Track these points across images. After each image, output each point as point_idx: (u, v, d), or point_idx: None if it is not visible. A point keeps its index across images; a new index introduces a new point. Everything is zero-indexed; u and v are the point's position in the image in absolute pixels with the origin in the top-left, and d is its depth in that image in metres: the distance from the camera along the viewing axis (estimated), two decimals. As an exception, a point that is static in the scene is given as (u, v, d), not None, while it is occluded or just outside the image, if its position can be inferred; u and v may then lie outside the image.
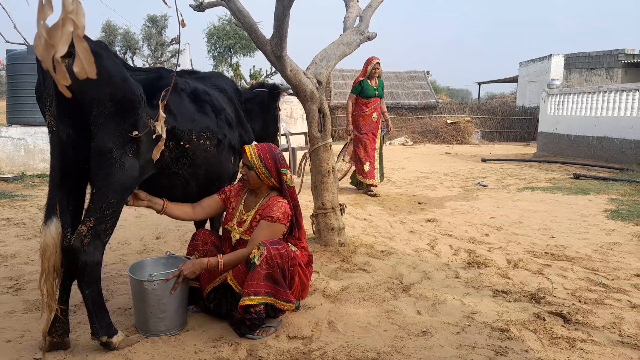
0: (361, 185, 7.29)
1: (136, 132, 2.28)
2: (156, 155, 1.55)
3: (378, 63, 6.89)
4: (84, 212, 2.38)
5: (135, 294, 2.61)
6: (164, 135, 1.43)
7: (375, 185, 7.16)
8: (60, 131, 2.26)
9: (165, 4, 0.95)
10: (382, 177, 7.33)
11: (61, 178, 2.28)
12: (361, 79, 6.98)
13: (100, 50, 2.30)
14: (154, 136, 2.25)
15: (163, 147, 1.55)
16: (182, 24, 1.09)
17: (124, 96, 2.32)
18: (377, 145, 7.12)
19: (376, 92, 6.95)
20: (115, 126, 2.30)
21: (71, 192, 2.41)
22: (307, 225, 4.43)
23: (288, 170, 2.85)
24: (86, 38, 2.38)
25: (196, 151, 2.77)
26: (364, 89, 6.92)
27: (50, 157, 2.31)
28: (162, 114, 1.39)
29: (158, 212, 2.75)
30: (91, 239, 2.30)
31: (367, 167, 6.99)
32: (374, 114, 6.97)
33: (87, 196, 2.40)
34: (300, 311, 2.94)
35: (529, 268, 3.84)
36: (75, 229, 2.32)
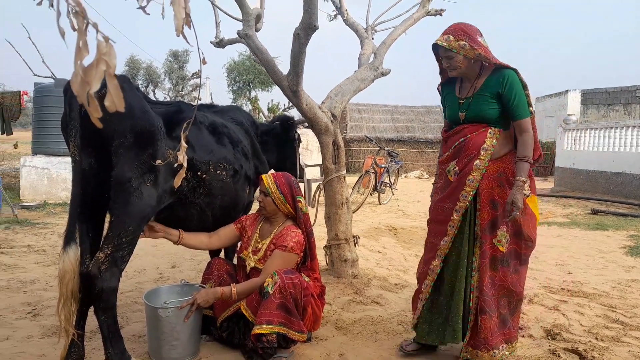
0: None
1: (159, 161, 2.36)
2: (177, 182, 1.62)
3: (448, 37, 2.58)
4: (102, 239, 2.45)
5: (149, 321, 2.65)
6: (185, 165, 1.51)
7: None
8: (83, 161, 2.35)
9: (187, 42, 1.03)
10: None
11: (81, 206, 2.35)
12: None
13: (122, 84, 2.41)
14: (175, 165, 2.33)
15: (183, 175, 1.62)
16: (204, 61, 1.17)
17: (144, 128, 2.42)
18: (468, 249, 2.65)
19: (462, 113, 2.72)
20: (135, 156, 2.39)
21: (90, 219, 2.49)
22: (321, 257, 4.45)
23: (302, 198, 2.92)
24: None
25: (213, 181, 2.85)
26: (445, 104, 2.90)
27: (71, 185, 2.40)
28: (184, 144, 1.47)
29: (174, 242, 2.82)
30: (108, 266, 2.36)
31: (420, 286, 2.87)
32: (452, 165, 2.71)
33: (106, 224, 2.47)
34: (312, 342, 2.93)
35: (544, 304, 3.79)
36: (93, 256, 2.39)
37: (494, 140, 2.61)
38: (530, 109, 2.61)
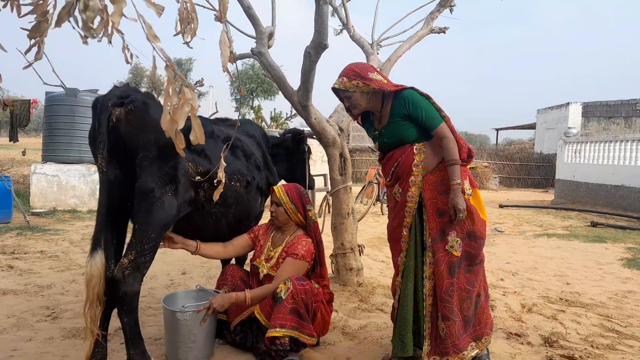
0: None
1: (199, 177, 2.54)
2: (216, 196, 1.79)
3: (342, 79, 2.79)
4: (125, 246, 2.61)
5: (167, 324, 2.80)
6: (223, 181, 1.68)
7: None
8: (109, 172, 2.51)
9: (230, 77, 1.19)
10: None
11: (107, 214, 2.51)
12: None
13: (147, 100, 2.59)
14: (215, 182, 2.48)
15: (208, 189, 1.79)
16: (242, 92, 1.32)
17: (167, 141, 2.58)
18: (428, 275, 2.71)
19: (384, 142, 2.90)
20: (158, 168, 2.55)
21: (115, 227, 2.65)
22: (327, 265, 4.59)
23: (312, 207, 3.09)
24: (136, 90, 2.70)
25: (228, 192, 3.00)
26: (370, 136, 3.11)
27: (98, 194, 2.55)
28: (223, 162, 1.63)
29: (192, 253, 2.97)
30: (131, 271, 2.51)
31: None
32: (397, 188, 2.86)
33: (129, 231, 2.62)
34: (320, 347, 3.08)
35: (543, 313, 3.93)
36: (117, 261, 2.54)
37: (422, 155, 2.74)
38: (442, 114, 2.69)
